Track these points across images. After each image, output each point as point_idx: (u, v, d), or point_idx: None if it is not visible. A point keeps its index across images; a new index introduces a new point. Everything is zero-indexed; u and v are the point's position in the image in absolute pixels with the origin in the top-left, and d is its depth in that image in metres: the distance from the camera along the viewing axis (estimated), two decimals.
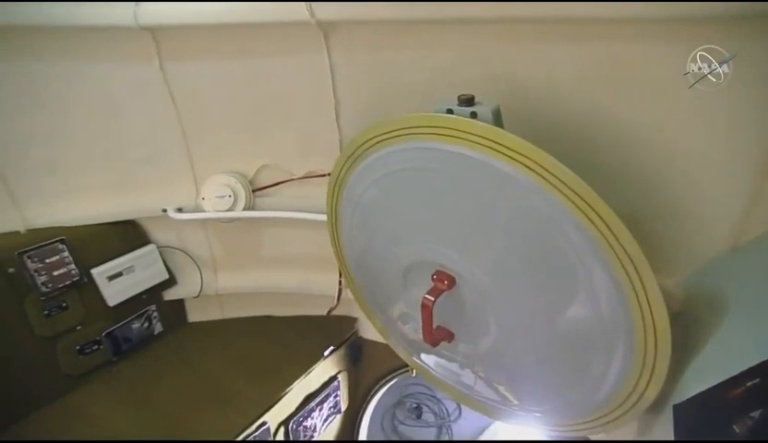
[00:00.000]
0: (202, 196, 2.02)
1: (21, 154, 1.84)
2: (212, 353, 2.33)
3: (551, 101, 1.41)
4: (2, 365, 1.87)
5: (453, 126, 1.15)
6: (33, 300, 1.90)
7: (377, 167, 1.42)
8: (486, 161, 1.11)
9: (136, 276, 2.15)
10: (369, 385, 2.69)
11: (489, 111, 1.15)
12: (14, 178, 1.85)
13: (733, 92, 1.12)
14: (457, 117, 1.15)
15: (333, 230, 1.77)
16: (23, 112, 1.78)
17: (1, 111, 1.75)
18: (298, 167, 2.02)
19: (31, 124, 1.81)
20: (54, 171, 1.92)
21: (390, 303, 1.77)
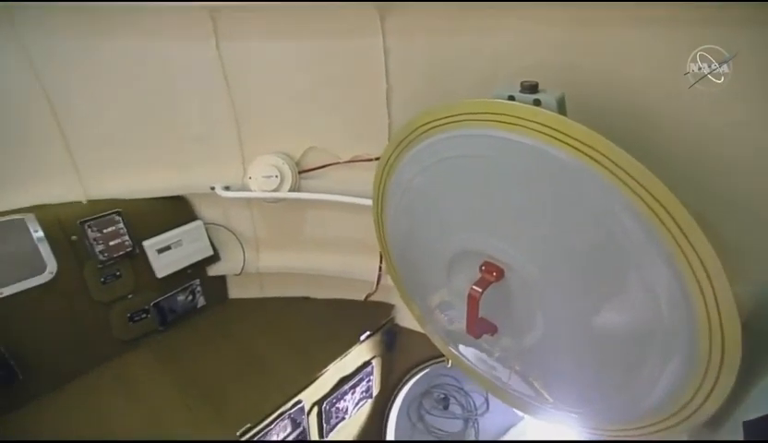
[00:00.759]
0: (249, 175, 2.08)
1: (86, 128, 1.94)
2: (252, 329, 2.42)
3: (619, 93, 1.35)
4: (63, 326, 2.02)
5: (515, 114, 1.12)
6: (92, 267, 2.04)
7: (429, 153, 1.42)
8: (548, 150, 1.08)
9: (183, 250, 2.25)
10: (402, 372, 2.73)
11: (554, 99, 1.12)
12: (79, 151, 1.96)
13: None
14: (520, 104, 1.13)
15: (378, 215, 1.79)
16: (89, 87, 1.88)
17: (70, 86, 1.84)
18: (345, 151, 2.04)
19: (96, 98, 1.90)
20: (115, 145, 2.02)
21: (431, 291, 1.77)
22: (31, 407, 1.96)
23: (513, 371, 1.63)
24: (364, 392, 2.56)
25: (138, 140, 2.05)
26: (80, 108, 1.90)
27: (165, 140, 2.08)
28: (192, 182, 2.17)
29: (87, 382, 2.10)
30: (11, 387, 1.90)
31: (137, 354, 2.25)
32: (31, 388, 1.97)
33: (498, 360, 1.65)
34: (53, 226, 1.91)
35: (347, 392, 2.40)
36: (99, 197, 2.06)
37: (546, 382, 1.56)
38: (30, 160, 1.90)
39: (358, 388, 2.48)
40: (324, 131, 2.04)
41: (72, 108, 1.88)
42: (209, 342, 2.33)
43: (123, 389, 2.08)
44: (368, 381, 2.55)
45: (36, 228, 1.87)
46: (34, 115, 1.83)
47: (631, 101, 1.33)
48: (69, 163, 1.98)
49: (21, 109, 1.81)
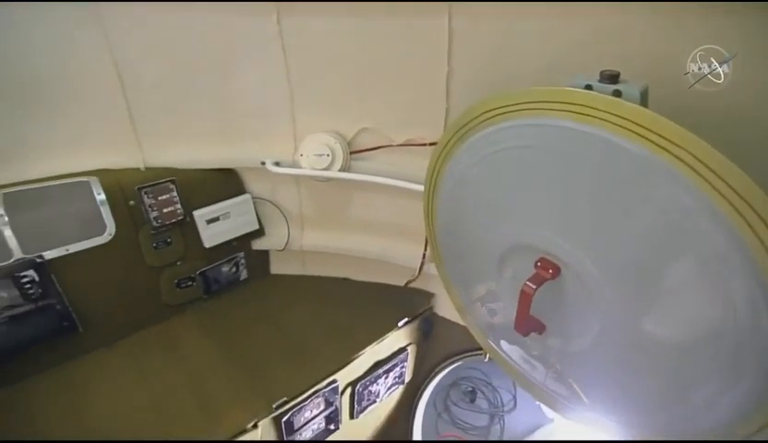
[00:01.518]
0: (300, 152, 2.11)
1: (149, 98, 2.01)
2: (292, 305, 2.49)
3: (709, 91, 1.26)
4: (117, 286, 2.15)
5: (592, 104, 1.07)
6: (146, 233, 2.14)
7: (491, 141, 1.38)
8: (626, 146, 1.03)
9: (230, 222, 2.32)
10: (436, 362, 2.73)
11: (637, 90, 1.06)
12: (140, 119, 2.04)
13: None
14: (599, 95, 1.08)
15: (429, 201, 1.77)
16: (155, 58, 1.94)
17: (137, 56, 1.91)
18: (398, 133, 2.03)
19: (158, 68, 1.97)
20: (174, 115, 2.09)
21: (477, 282, 1.76)
22: (87, 359, 2.11)
23: (552, 370, 1.60)
24: (396, 378, 2.59)
25: (195, 112, 2.11)
26: (145, 78, 1.97)
27: (221, 113, 2.13)
28: (243, 156, 2.22)
29: (136, 341, 2.23)
30: (72, 338, 2.05)
31: (181, 320, 2.36)
32: (89, 341, 2.11)
33: (538, 358, 1.63)
34: (113, 190, 2.02)
35: (380, 376, 2.43)
36: (156, 165, 2.15)
37: (587, 386, 1.53)
38: (96, 126, 2.00)
39: (391, 373, 2.51)
40: (378, 112, 2.03)
41: (138, 78, 1.95)
42: (250, 315, 2.42)
43: (168, 350, 2.20)
44: (402, 367, 2.57)
45: (99, 191, 1.98)
46: (103, 85, 1.92)
47: (720, 98, 1.24)
48: (131, 131, 2.06)
49: (92, 78, 1.90)
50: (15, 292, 1.83)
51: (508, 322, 1.60)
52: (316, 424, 2.21)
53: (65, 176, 1.97)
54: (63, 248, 1.92)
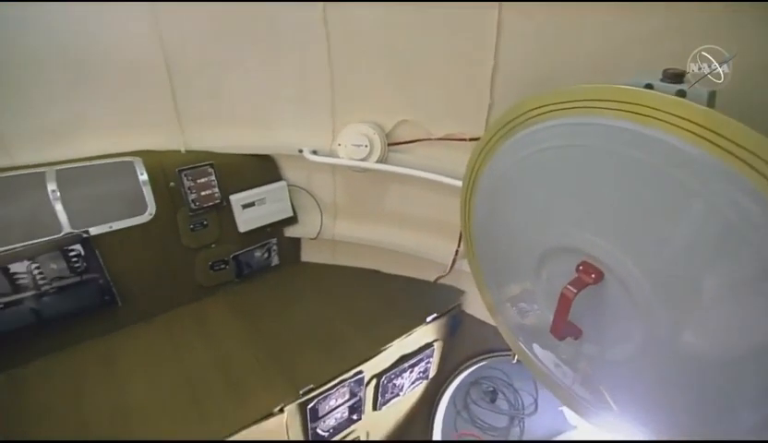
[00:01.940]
0: (338, 142, 2.11)
1: (192, 81, 2.06)
2: (321, 294, 2.52)
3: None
4: (155, 264, 2.22)
5: (654, 105, 1.02)
6: (184, 214, 2.20)
7: (538, 138, 1.35)
8: (689, 150, 0.98)
9: (265, 208, 2.36)
10: (461, 360, 2.72)
11: (705, 90, 1.01)
12: (183, 103, 2.10)
13: None
14: (661, 94, 1.03)
15: (467, 197, 1.75)
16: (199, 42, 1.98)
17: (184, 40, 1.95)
18: (438, 127, 2.00)
19: (204, 54, 2.01)
20: (215, 99, 2.13)
21: (512, 282, 1.73)
22: (125, 332, 2.20)
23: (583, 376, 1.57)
24: (421, 373, 2.58)
25: (237, 97, 2.14)
26: (190, 64, 2.01)
27: (262, 99, 2.16)
28: (281, 143, 2.24)
29: (170, 318, 2.31)
30: (112, 311, 2.14)
31: (213, 301, 2.43)
32: (127, 315, 2.20)
33: (569, 363, 1.60)
34: (155, 171, 2.08)
35: (406, 370, 2.43)
36: (196, 148, 2.21)
37: (619, 395, 1.49)
38: (142, 108, 2.06)
39: (416, 368, 2.51)
40: (419, 105, 2.01)
41: (183, 63, 2.00)
42: (280, 301, 2.46)
43: (200, 330, 2.26)
44: (427, 363, 2.57)
45: (142, 171, 2.04)
46: (151, 69, 1.98)
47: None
48: (174, 115, 2.12)
49: (142, 63, 1.96)
50: (63, 264, 1.92)
51: (541, 324, 1.58)
52: (339, 412, 2.23)
53: (111, 156, 2.04)
54: (107, 225, 1.99)
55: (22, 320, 1.90)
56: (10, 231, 1.80)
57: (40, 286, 1.89)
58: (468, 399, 4.56)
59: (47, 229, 1.86)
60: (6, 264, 1.79)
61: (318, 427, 2.17)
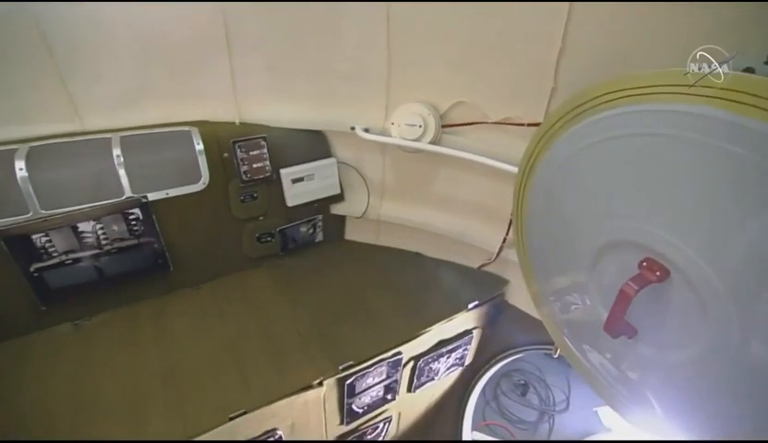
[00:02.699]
0: (392, 121, 2.11)
1: (250, 54, 2.09)
2: (364, 273, 2.56)
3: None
4: (206, 233, 2.31)
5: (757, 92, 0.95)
6: (235, 185, 2.27)
7: (607, 126, 1.30)
8: None
9: (314, 184, 2.41)
10: (499, 350, 2.71)
11: None
12: (240, 75, 2.14)
13: None
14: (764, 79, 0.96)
15: (522, 184, 1.72)
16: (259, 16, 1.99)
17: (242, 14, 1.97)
18: (495, 110, 1.96)
19: (263, 27, 2.03)
20: (271, 73, 2.16)
21: (563, 274, 1.70)
22: (175, 296, 2.33)
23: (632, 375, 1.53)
24: (457, 359, 2.60)
25: (292, 72, 2.17)
26: (250, 37, 2.04)
27: (317, 75, 2.17)
28: (334, 119, 2.26)
29: (217, 286, 2.41)
30: (164, 275, 2.26)
31: (258, 272, 2.51)
32: (177, 280, 2.32)
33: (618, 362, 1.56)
34: (211, 141, 2.14)
35: (443, 355, 2.45)
36: (249, 120, 2.26)
37: (667, 397, 1.46)
38: (200, 79, 2.12)
39: (454, 354, 2.52)
40: (477, 87, 1.97)
41: (243, 36, 2.03)
42: (322, 276, 2.52)
43: (245, 299, 2.35)
44: (464, 350, 2.57)
45: (198, 141, 2.11)
46: (211, 41, 2.02)
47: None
48: (230, 86, 2.17)
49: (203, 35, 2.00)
50: (123, 226, 2.03)
51: (592, 320, 1.55)
52: (375, 391, 2.28)
53: (170, 125, 2.12)
54: (163, 192, 2.08)
55: (87, 276, 2.04)
56: (79, 192, 1.91)
57: (102, 246, 2.02)
58: (498, 390, 4.58)
59: (111, 192, 1.97)
60: (75, 222, 1.91)
61: (353, 404, 2.23)
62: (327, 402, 2.09)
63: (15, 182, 1.78)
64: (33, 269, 1.90)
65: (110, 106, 2.03)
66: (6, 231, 1.79)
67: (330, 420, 2.22)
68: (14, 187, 1.78)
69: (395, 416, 2.69)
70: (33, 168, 1.81)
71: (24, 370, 1.90)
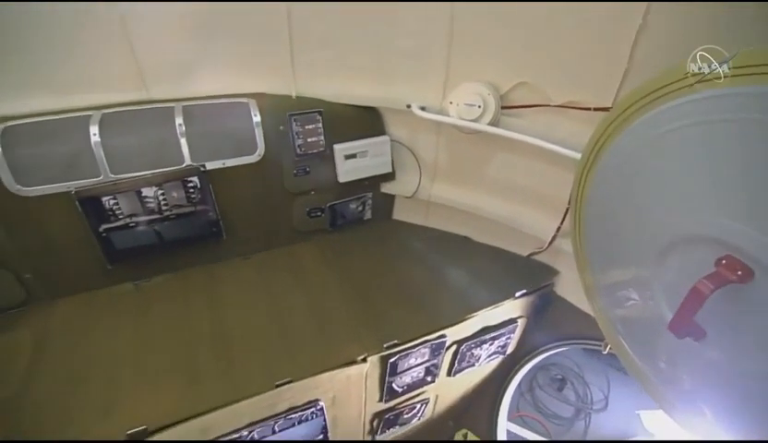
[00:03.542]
0: (450, 100, 2.09)
1: (310, 28, 2.11)
2: (411, 253, 2.59)
3: None
4: (259, 204, 2.39)
5: None
6: (289, 158, 2.33)
7: (690, 111, 1.23)
8: None
9: (366, 161, 2.43)
10: (543, 341, 2.68)
11: None
12: (299, 48, 2.17)
13: None
14: None
15: (584, 171, 1.66)
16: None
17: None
18: (558, 93, 1.90)
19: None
20: (330, 48, 2.18)
21: (623, 267, 1.65)
22: (226, 264, 2.43)
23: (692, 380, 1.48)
24: (500, 347, 2.59)
25: (351, 47, 2.18)
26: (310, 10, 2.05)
27: (376, 51, 2.17)
28: (390, 96, 2.27)
29: (267, 257, 2.50)
30: (217, 243, 2.36)
31: (306, 247, 2.59)
32: (229, 249, 2.43)
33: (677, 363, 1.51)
34: (267, 114, 2.20)
35: (486, 342, 2.45)
36: (306, 95, 2.29)
37: (728, 405, 1.40)
38: (259, 52, 2.17)
39: (497, 341, 2.52)
40: (540, 67, 1.91)
41: (304, 9, 2.04)
42: (370, 254, 2.57)
43: (293, 272, 2.43)
44: (508, 338, 2.56)
45: (256, 113, 2.17)
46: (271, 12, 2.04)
47: None
48: (289, 60, 2.20)
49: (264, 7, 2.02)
50: (182, 193, 2.13)
51: (652, 317, 1.50)
52: (416, 372, 2.32)
53: (229, 96, 2.18)
54: (220, 162, 2.16)
55: (147, 239, 2.16)
56: (144, 158, 2.02)
57: (163, 211, 2.13)
58: (534, 382, 4.56)
59: (172, 160, 2.06)
60: (140, 187, 2.02)
61: (393, 382, 2.28)
62: (368, 379, 2.15)
63: (89, 146, 1.90)
64: (102, 230, 2.03)
65: (174, 77, 2.10)
66: (80, 192, 1.92)
67: (369, 396, 2.28)
68: (88, 151, 1.90)
69: (432, 399, 2.73)
70: (105, 134, 1.92)
71: (91, 323, 2.06)
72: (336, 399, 2.11)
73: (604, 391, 4.44)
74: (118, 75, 2.01)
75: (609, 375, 4.52)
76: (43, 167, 1.88)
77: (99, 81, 1.99)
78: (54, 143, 1.89)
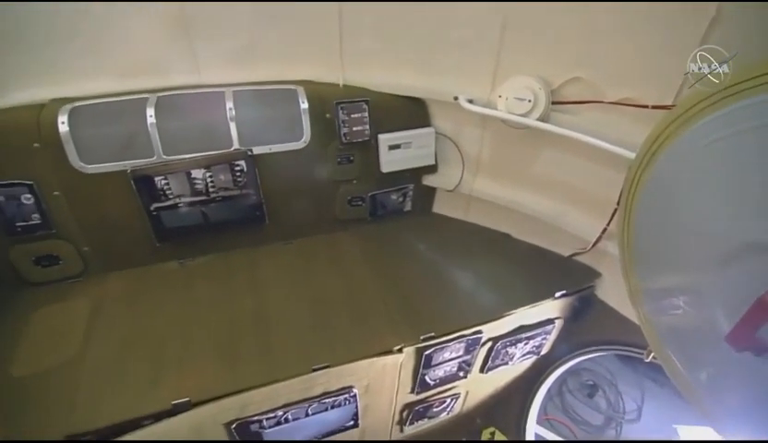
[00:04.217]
0: (499, 93, 2.07)
1: (360, 16, 2.14)
2: (450, 247, 2.60)
3: None
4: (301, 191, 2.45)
5: None
6: (334, 146, 2.37)
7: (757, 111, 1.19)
8: None
9: (410, 153, 2.45)
10: (579, 344, 2.65)
11: None
12: (348, 37, 2.20)
13: None
14: None
15: (639, 170, 1.62)
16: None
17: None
18: (614, 89, 1.85)
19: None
20: (379, 37, 2.20)
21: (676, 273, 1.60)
22: (267, 248, 2.51)
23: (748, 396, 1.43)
24: (534, 347, 2.58)
25: (401, 37, 2.19)
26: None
27: (426, 41, 2.17)
28: (437, 88, 2.27)
29: (307, 244, 2.56)
30: (259, 227, 2.44)
31: (346, 235, 2.64)
32: (271, 233, 2.50)
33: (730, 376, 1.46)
34: (315, 101, 2.24)
35: (521, 341, 2.44)
36: (353, 83, 2.32)
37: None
38: (308, 39, 2.21)
39: (532, 341, 2.50)
40: (597, 62, 1.86)
41: None
42: (409, 246, 2.59)
43: (332, 260, 2.48)
44: (543, 339, 2.55)
45: (303, 100, 2.22)
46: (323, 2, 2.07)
47: None
48: (338, 48, 2.23)
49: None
50: (229, 176, 2.20)
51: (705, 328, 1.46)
52: (449, 366, 2.34)
53: (278, 82, 2.24)
54: (267, 147, 2.22)
55: (194, 220, 2.25)
56: (195, 141, 2.10)
57: (210, 193, 2.21)
58: (564, 386, 4.50)
59: (221, 143, 2.14)
60: (190, 169, 2.11)
61: (427, 375, 2.31)
62: (403, 369, 2.18)
63: (146, 128, 1.99)
64: (153, 208, 2.13)
65: (225, 62, 2.18)
66: (135, 171, 2.02)
67: (402, 387, 2.32)
68: (144, 132, 2.00)
69: (462, 394, 2.74)
70: (160, 116, 2.01)
71: (140, 297, 2.17)
72: (370, 387, 2.15)
73: (637, 402, 4.34)
74: (174, 59, 2.09)
75: (644, 385, 4.41)
76: (104, 146, 1.99)
77: (155, 65, 2.08)
78: (114, 123, 2.00)
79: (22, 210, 1.95)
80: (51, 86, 1.97)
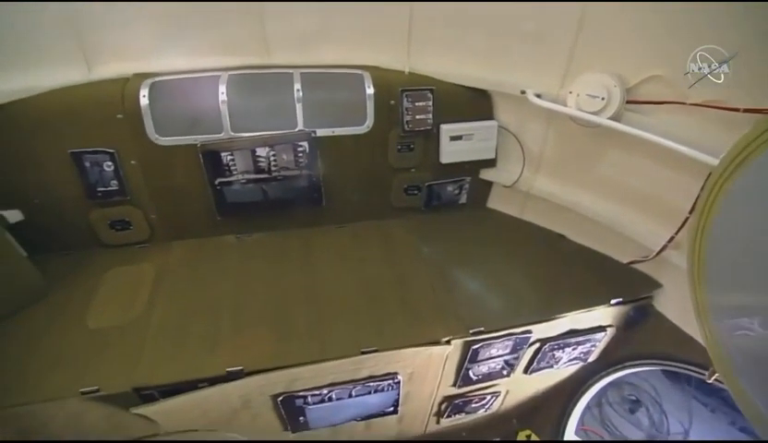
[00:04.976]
0: (570, 89, 2.03)
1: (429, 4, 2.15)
2: (505, 244, 2.59)
3: None
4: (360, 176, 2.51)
5: None
6: (395, 133, 2.41)
7: None
8: None
9: (471, 145, 2.46)
10: (630, 356, 2.57)
11: None
12: (417, 24, 2.22)
13: None
14: None
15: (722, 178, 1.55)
16: None
17: None
18: (697, 90, 1.77)
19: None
20: (449, 26, 2.21)
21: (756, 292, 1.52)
22: (322, 230, 2.60)
23: None
24: (582, 353, 2.54)
25: (471, 26, 2.19)
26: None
27: (496, 32, 2.16)
28: (504, 80, 2.26)
29: (361, 228, 2.63)
30: (315, 209, 2.52)
31: (399, 223, 2.68)
32: (327, 215, 2.58)
33: None
34: (380, 87, 2.29)
35: (569, 345, 2.41)
36: (418, 71, 2.35)
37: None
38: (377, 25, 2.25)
39: (580, 347, 2.47)
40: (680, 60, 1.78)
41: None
42: (462, 239, 2.61)
43: (385, 246, 2.54)
44: (592, 346, 2.50)
45: (369, 85, 2.27)
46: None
47: None
48: (405, 35, 2.26)
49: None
50: (291, 156, 2.29)
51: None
52: (495, 363, 2.35)
53: (345, 66, 2.29)
54: (330, 129, 2.29)
55: (254, 196, 2.36)
56: (261, 120, 2.19)
57: (272, 171, 2.30)
58: (604, 398, 4.38)
59: (286, 123, 2.23)
60: (255, 147, 2.20)
61: (471, 369, 2.33)
62: (448, 361, 2.21)
63: (217, 104, 2.10)
64: (217, 183, 2.25)
65: (294, 44, 2.25)
66: (204, 145, 2.14)
67: (445, 379, 2.35)
68: (215, 109, 2.11)
69: (503, 393, 2.75)
70: (231, 93, 2.11)
71: (198, 266, 2.31)
72: (414, 375, 2.20)
73: (684, 424, 4.17)
74: (246, 40, 2.18)
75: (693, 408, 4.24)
76: (178, 120, 2.11)
77: (230, 45, 2.18)
78: (188, 99, 2.11)
79: (103, 177, 2.12)
80: (132, 61, 2.11)
